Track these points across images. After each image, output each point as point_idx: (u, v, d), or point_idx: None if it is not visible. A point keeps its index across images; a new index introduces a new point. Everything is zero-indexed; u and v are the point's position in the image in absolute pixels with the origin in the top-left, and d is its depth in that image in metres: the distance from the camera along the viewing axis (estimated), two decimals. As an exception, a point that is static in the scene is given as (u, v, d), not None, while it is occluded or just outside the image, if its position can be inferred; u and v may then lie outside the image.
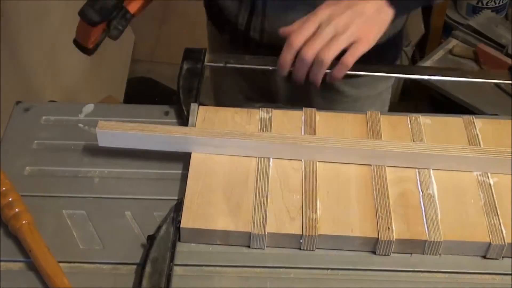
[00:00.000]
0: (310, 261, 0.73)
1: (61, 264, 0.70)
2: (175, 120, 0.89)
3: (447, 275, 0.73)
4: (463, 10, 2.27)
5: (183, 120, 0.88)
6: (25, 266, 0.72)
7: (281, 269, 0.73)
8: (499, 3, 2.23)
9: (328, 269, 0.73)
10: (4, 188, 0.75)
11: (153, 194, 0.79)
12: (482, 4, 2.22)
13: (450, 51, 2.01)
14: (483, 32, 2.03)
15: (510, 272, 0.73)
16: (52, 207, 0.78)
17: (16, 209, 0.74)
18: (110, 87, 2.04)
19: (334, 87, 1.07)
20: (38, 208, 0.76)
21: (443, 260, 0.74)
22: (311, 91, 1.08)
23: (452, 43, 2.03)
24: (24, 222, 0.73)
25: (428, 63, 1.96)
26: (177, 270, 0.72)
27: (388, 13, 0.83)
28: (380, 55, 0.94)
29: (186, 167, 0.81)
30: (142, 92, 2.21)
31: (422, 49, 2.26)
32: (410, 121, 0.87)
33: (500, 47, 1.96)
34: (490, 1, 2.22)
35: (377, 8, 0.82)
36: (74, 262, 0.72)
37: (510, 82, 0.95)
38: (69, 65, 1.73)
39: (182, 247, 0.74)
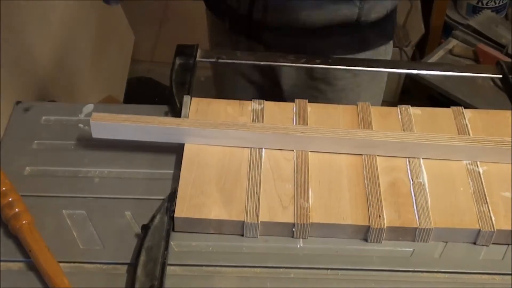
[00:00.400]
0: (310, 261, 0.73)
1: (61, 264, 0.70)
2: (175, 120, 0.89)
3: (447, 275, 0.73)
4: (463, 10, 2.27)
5: (176, 114, 0.88)
6: (25, 266, 0.72)
7: (281, 269, 0.73)
8: (499, 3, 2.23)
9: (328, 269, 0.73)
10: (4, 188, 0.75)
11: (153, 194, 0.79)
12: (482, 4, 2.22)
13: (450, 51, 2.01)
14: (483, 32, 2.03)
15: (510, 272, 0.73)
16: (52, 207, 0.78)
17: (16, 209, 0.74)
18: (110, 87, 2.04)
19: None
20: (38, 208, 0.76)
21: (443, 260, 0.74)
22: (314, 74, 1.10)
23: (452, 43, 2.03)
24: (24, 222, 0.73)
25: (428, 63, 1.96)
26: (177, 270, 0.72)
27: None
28: (381, 29, 1.04)
29: (186, 167, 0.81)
30: (142, 92, 2.21)
31: (422, 49, 2.26)
32: (400, 111, 0.88)
33: (500, 47, 1.96)
34: (490, 1, 2.22)
35: None
36: (74, 262, 0.72)
37: (497, 76, 0.97)
38: (69, 65, 1.73)
39: (182, 247, 0.74)
